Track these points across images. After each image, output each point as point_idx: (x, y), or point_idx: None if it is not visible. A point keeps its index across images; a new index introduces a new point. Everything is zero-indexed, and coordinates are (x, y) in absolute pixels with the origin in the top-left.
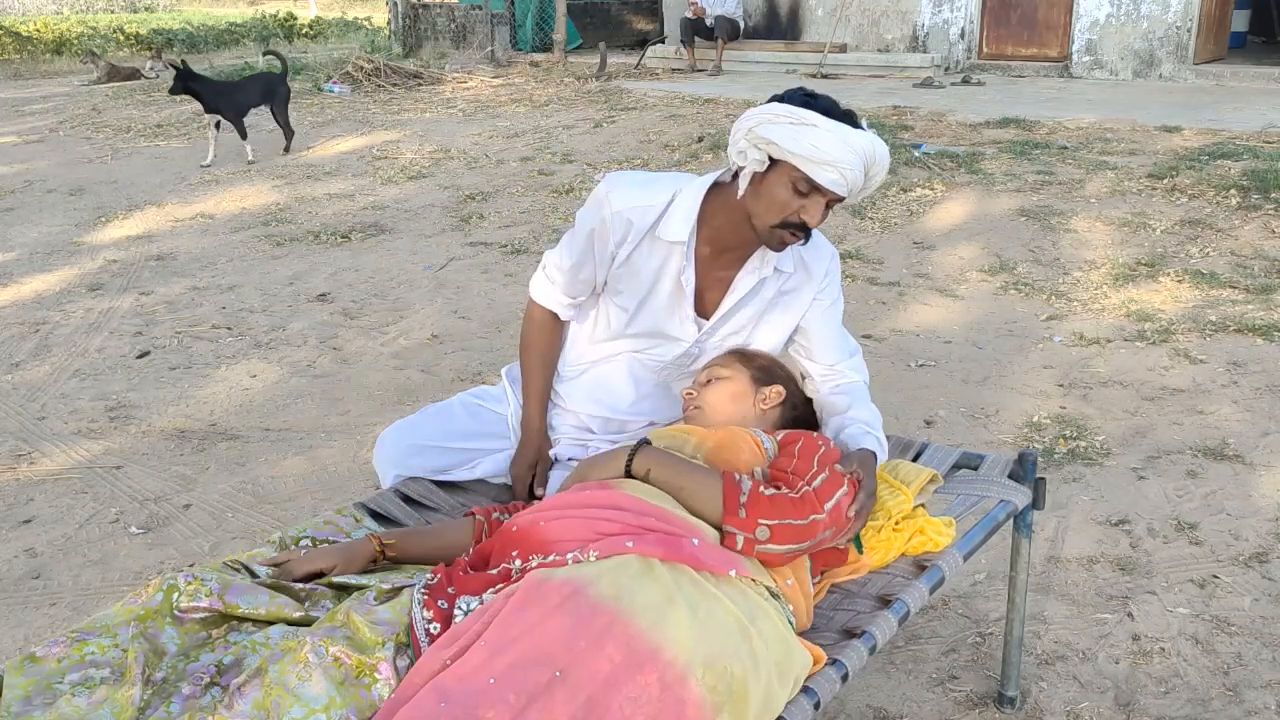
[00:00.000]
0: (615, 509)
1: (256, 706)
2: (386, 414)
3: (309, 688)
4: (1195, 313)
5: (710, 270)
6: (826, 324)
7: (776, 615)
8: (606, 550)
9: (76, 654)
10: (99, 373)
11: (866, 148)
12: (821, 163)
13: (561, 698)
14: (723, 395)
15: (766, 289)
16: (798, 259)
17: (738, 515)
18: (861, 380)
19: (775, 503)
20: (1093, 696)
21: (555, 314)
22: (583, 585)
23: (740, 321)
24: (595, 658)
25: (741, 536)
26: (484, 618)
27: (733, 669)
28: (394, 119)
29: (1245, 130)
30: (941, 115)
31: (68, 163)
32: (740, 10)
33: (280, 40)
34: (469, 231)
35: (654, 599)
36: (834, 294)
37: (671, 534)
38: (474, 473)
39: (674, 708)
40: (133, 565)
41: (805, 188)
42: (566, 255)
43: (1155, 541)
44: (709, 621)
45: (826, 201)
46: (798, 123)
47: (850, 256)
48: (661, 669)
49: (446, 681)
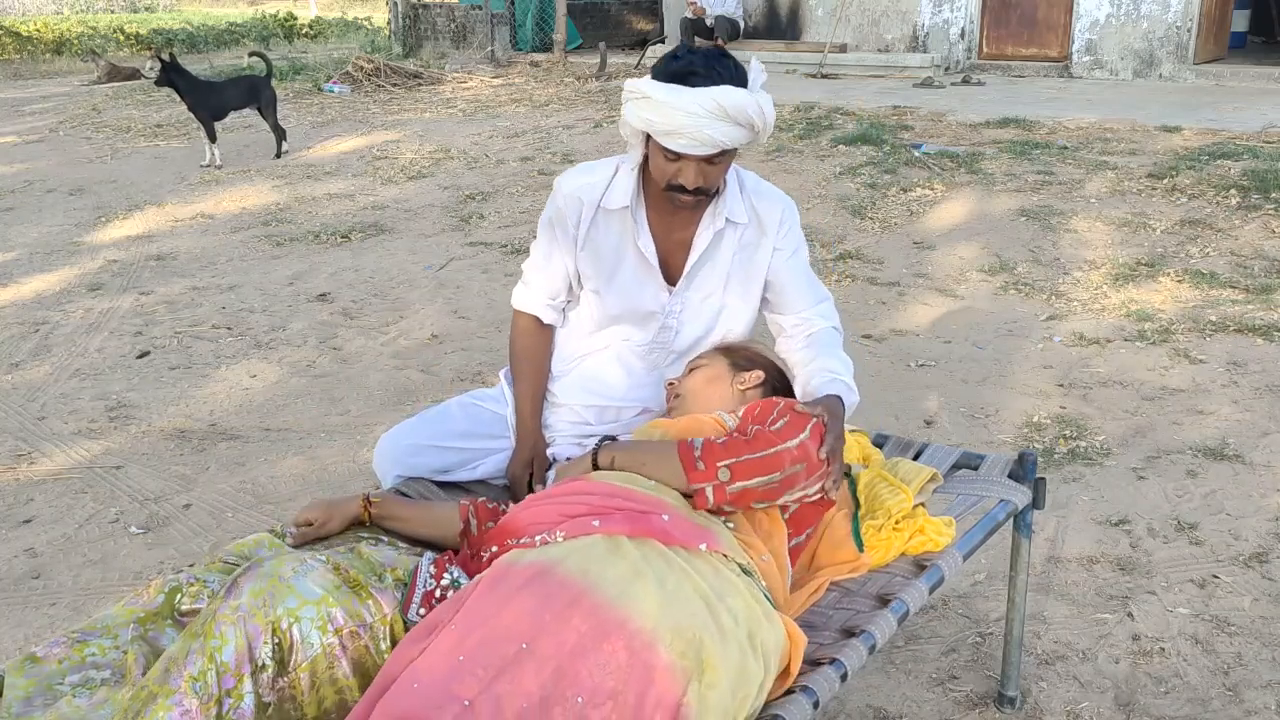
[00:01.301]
0: (583, 494)
1: (253, 595)
2: (386, 414)
3: (304, 581)
4: (1195, 313)
5: (668, 235)
6: (790, 271)
7: (748, 591)
8: (573, 531)
9: (77, 655)
10: (99, 373)
11: (707, 105)
12: (665, 132)
13: (530, 668)
14: (699, 379)
15: (725, 243)
16: (750, 210)
17: (695, 469)
18: (831, 326)
19: (729, 446)
20: (1093, 696)
21: (539, 318)
22: (549, 565)
23: (709, 284)
24: (562, 629)
25: (709, 487)
26: (455, 605)
27: (701, 638)
28: (394, 119)
29: (1245, 130)
30: (941, 115)
31: (68, 163)
32: (740, 10)
33: (280, 40)
34: (469, 231)
35: (621, 573)
36: (794, 243)
37: (639, 511)
38: (475, 473)
39: (643, 673)
40: (133, 565)
41: (671, 154)
42: (536, 254)
43: (1155, 541)
44: (677, 593)
45: (701, 161)
46: (639, 97)
47: (850, 256)
48: (629, 636)
49: (419, 666)
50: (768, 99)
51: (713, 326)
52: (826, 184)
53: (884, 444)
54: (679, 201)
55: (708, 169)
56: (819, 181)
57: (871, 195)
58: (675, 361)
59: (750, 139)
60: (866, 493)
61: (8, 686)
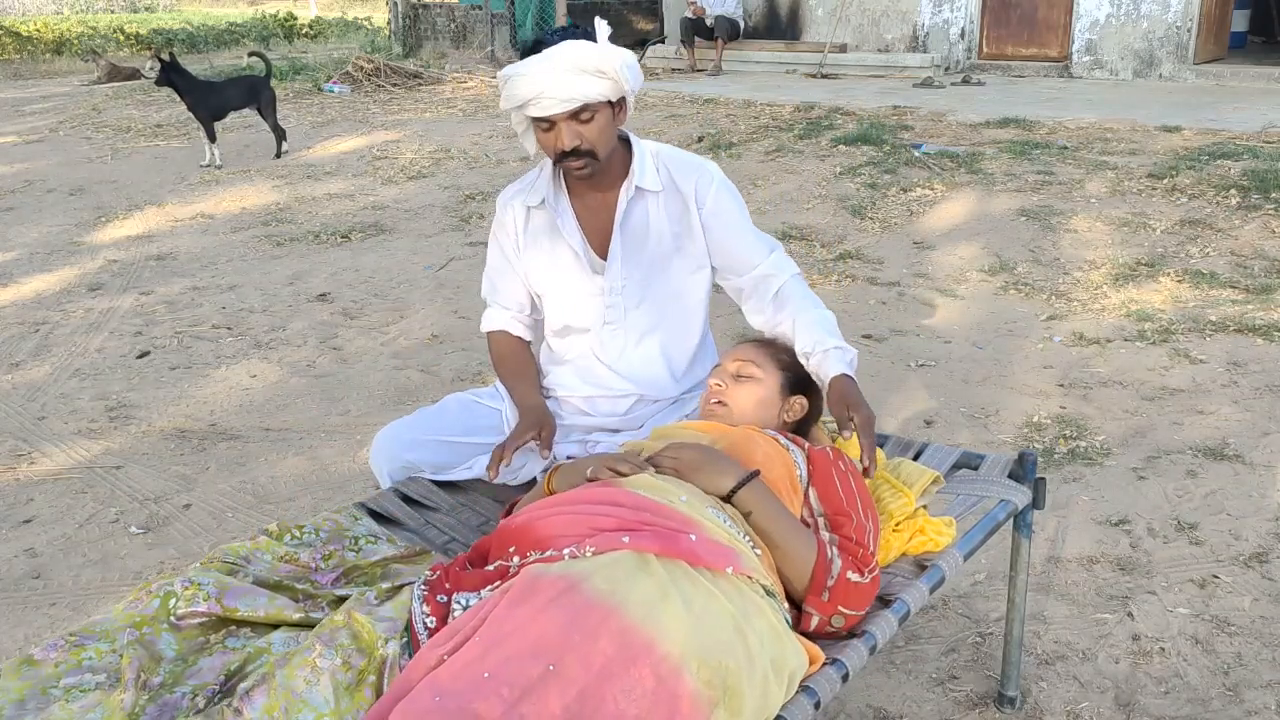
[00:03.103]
0: (612, 504)
1: (265, 711)
2: (386, 414)
3: (317, 692)
4: (1195, 313)
5: (593, 219)
6: (728, 229)
7: (772, 613)
8: (602, 546)
9: (74, 658)
10: (99, 373)
11: (558, 62)
12: (530, 99)
13: (555, 690)
14: (750, 400)
15: (648, 213)
16: (666, 178)
17: (820, 598)
18: (791, 276)
19: (859, 591)
20: (1093, 696)
21: (509, 332)
22: (577, 580)
23: (641, 257)
24: (589, 651)
25: (817, 617)
26: (480, 614)
27: (728, 664)
28: (394, 119)
29: (1245, 130)
30: (941, 115)
31: (68, 163)
32: (740, 10)
33: (280, 40)
34: (469, 231)
35: (649, 593)
36: (722, 202)
37: (668, 529)
38: (472, 471)
39: (668, 702)
40: (133, 565)
41: (544, 124)
42: (491, 272)
43: (1155, 541)
44: (704, 617)
45: (568, 119)
46: (504, 80)
47: (850, 256)
48: (655, 662)
49: (441, 677)
50: (621, 51)
51: (664, 301)
52: (826, 184)
53: (884, 444)
54: (573, 172)
55: (581, 128)
56: (819, 181)
57: (871, 195)
58: (642, 341)
59: (613, 90)
60: None
61: (1, 690)
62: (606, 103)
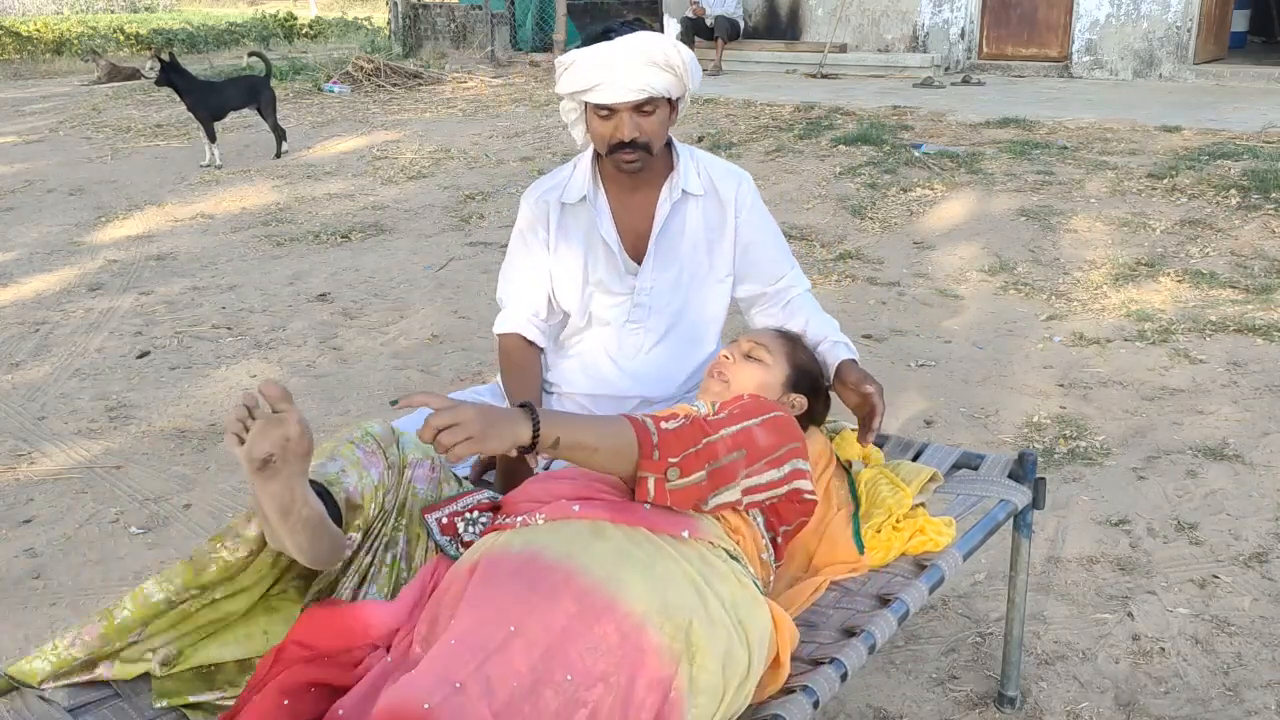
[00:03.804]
0: (566, 477)
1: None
2: (386, 414)
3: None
4: (1195, 313)
5: (631, 218)
6: (762, 236)
7: (735, 578)
8: (553, 514)
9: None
10: (99, 373)
11: (629, 51)
12: (593, 85)
13: (519, 649)
14: (751, 382)
15: (688, 217)
16: (707, 183)
17: (651, 459)
18: (805, 289)
19: (679, 435)
20: (1093, 696)
21: (524, 336)
22: (536, 551)
23: (675, 260)
24: (550, 611)
25: (652, 478)
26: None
27: (691, 621)
28: (394, 119)
29: (1245, 130)
30: (941, 115)
31: (68, 163)
32: (740, 10)
33: (280, 40)
34: (469, 231)
35: (607, 556)
36: (760, 210)
37: (620, 500)
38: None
39: (634, 656)
40: (133, 565)
41: (603, 112)
42: (511, 270)
43: (1155, 541)
44: (666, 579)
45: (631, 110)
46: (567, 67)
47: (850, 256)
48: (619, 619)
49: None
50: (687, 50)
51: (686, 306)
52: (826, 184)
53: (884, 444)
54: (624, 164)
55: (642, 120)
56: (819, 181)
57: (871, 195)
58: (658, 345)
59: (677, 87)
60: (867, 492)
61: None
62: (666, 99)
